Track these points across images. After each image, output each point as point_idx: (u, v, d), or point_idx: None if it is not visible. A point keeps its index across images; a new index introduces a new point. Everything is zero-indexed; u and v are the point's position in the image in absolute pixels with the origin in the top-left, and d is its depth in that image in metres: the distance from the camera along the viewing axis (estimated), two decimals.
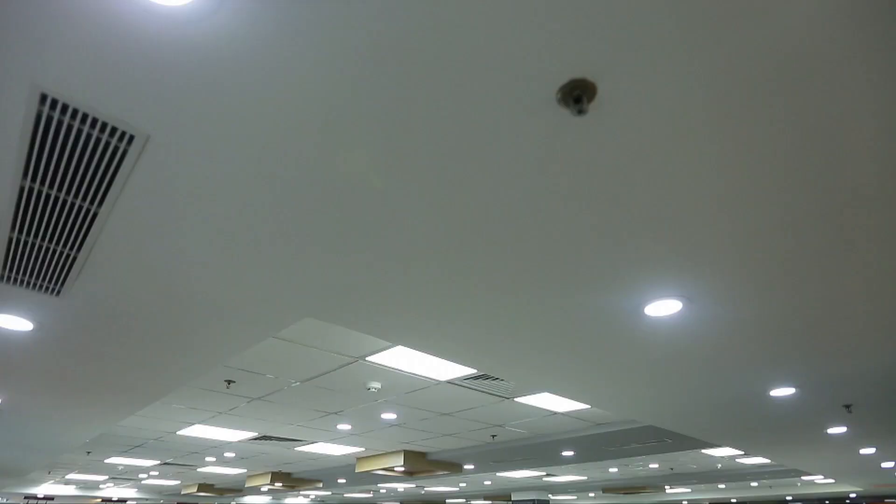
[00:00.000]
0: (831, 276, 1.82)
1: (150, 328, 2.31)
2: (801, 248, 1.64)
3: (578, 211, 1.45)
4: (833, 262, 1.74)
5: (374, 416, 4.96)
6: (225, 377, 3.82)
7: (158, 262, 1.77)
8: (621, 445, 6.01)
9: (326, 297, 1.95)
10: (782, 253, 1.67)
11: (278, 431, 5.78)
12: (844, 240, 1.61)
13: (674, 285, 1.86)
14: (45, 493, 13.26)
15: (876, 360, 2.72)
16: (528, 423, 5.25)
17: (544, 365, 2.72)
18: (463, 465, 7.36)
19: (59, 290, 1.97)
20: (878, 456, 6.01)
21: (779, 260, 1.71)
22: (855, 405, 3.63)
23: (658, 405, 3.59)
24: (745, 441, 5.10)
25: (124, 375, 2.98)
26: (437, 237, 1.58)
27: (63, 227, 1.59)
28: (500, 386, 4.03)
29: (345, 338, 3.06)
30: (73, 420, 4.14)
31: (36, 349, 2.58)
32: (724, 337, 2.33)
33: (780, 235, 1.57)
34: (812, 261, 1.72)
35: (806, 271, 1.79)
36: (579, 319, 2.14)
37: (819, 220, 1.51)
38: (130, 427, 5.72)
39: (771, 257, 1.69)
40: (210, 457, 7.72)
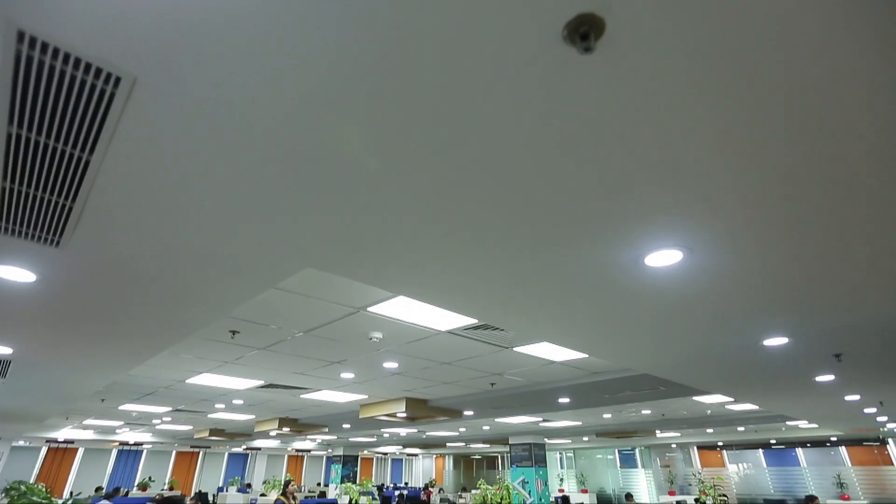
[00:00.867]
0: (830, 230, 1.82)
1: (151, 280, 2.32)
2: (801, 201, 1.63)
3: (580, 158, 1.42)
4: (832, 217, 1.74)
5: (377, 365, 5.10)
6: (229, 328, 3.90)
7: (156, 214, 1.75)
8: (616, 393, 6.23)
9: (326, 248, 1.94)
10: (783, 205, 1.66)
11: (284, 380, 5.98)
12: (844, 195, 1.60)
13: (675, 235, 1.85)
14: (65, 438, 13.93)
15: (869, 312, 2.77)
16: (526, 371, 5.41)
17: (544, 315, 2.76)
18: (462, 411, 7.65)
19: (59, 242, 1.97)
20: (861, 402, 6.25)
21: (779, 212, 1.70)
22: (845, 354, 3.72)
23: (654, 355, 3.68)
24: (736, 389, 5.29)
25: (129, 327, 3.04)
26: (436, 188, 1.55)
27: (56, 177, 1.56)
28: (500, 336, 4.12)
29: (346, 288, 3.09)
30: (83, 369, 4.27)
31: (41, 300, 2.62)
32: (723, 287, 2.35)
33: (781, 188, 1.56)
34: (812, 214, 1.72)
35: (805, 224, 1.78)
36: (580, 270, 2.15)
37: (820, 174, 1.49)
38: (141, 376, 5.91)
39: (771, 209, 1.68)
40: (219, 403, 8.03)
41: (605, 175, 1.49)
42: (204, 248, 1.98)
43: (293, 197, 1.61)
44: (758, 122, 1.28)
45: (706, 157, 1.41)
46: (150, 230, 1.85)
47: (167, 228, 1.84)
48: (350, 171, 1.48)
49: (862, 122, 1.28)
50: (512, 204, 1.64)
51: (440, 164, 1.45)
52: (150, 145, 1.40)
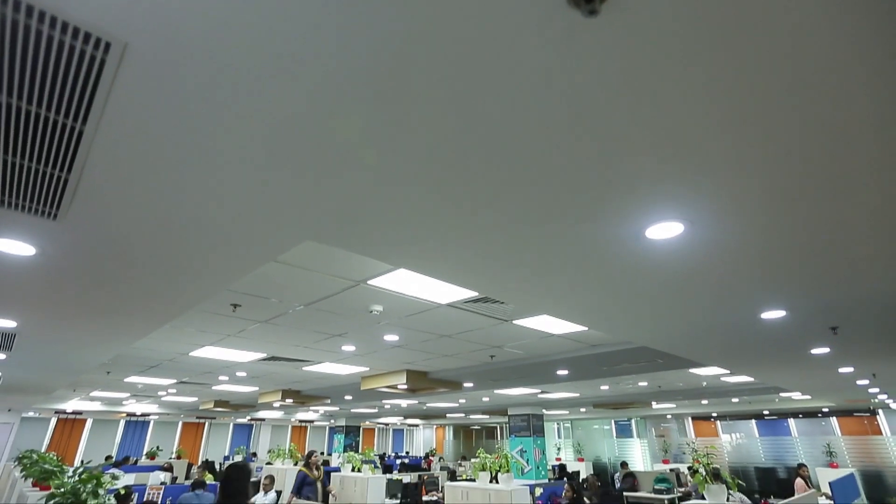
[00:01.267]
0: (831, 204, 1.82)
1: (150, 253, 2.32)
2: (801, 175, 1.62)
3: (581, 128, 1.39)
4: (831, 192, 1.73)
5: (377, 338, 5.16)
6: (231, 301, 3.92)
7: (153, 187, 1.73)
8: (614, 365, 6.32)
9: (325, 220, 1.93)
10: (783, 179, 1.64)
11: (286, 353, 6.06)
12: (844, 171, 1.60)
13: (676, 207, 1.84)
14: (73, 409, 14.24)
15: (866, 286, 2.78)
16: (525, 344, 5.48)
17: (544, 288, 2.77)
18: (462, 383, 7.79)
19: (56, 215, 1.96)
20: (855, 374, 6.35)
21: (780, 186, 1.68)
22: (841, 327, 3.76)
23: (653, 327, 3.72)
24: (732, 361, 5.36)
25: (130, 300, 3.06)
26: (436, 160, 1.53)
27: (50, 148, 1.53)
28: (500, 309, 4.15)
29: (346, 262, 3.10)
30: (87, 342, 4.32)
31: (41, 274, 2.62)
32: (723, 260, 2.35)
33: (781, 161, 1.54)
34: (811, 189, 1.71)
35: (804, 198, 1.78)
36: (581, 243, 2.14)
37: (822, 149, 1.48)
38: (145, 349, 5.99)
39: (772, 183, 1.66)
40: (223, 376, 8.16)
41: (606, 146, 1.47)
42: (202, 220, 1.97)
43: (292, 169, 1.59)
44: (760, 94, 1.25)
45: (708, 128, 1.39)
46: (148, 203, 1.84)
47: (164, 201, 1.82)
48: (349, 144, 1.45)
49: (863, 95, 1.25)
50: (512, 175, 1.63)
51: (439, 136, 1.42)
52: (145, 115, 1.37)
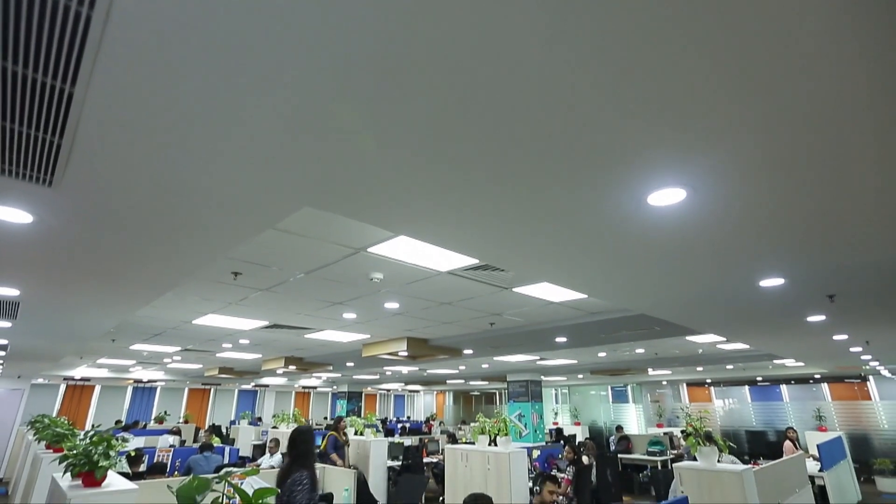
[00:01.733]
0: (832, 171, 1.80)
1: (147, 221, 2.31)
2: (802, 142, 1.60)
3: (582, 93, 1.36)
4: (833, 159, 1.71)
5: (378, 306, 5.21)
6: (231, 269, 3.94)
7: (148, 151, 1.70)
8: (612, 333, 6.41)
9: (324, 186, 1.91)
10: (785, 145, 1.62)
11: (287, 320, 6.13)
12: (844, 139, 1.58)
13: (678, 173, 1.81)
14: (81, 376, 14.54)
15: (865, 254, 2.78)
16: (525, 311, 5.54)
17: (545, 255, 2.77)
18: (462, 350, 7.92)
19: (51, 181, 1.94)
20: (848, 341, 6.45)
21: (781, 152, 1.66)
22: (838, 295, 3.78)
23: (653, 295, 3.74)
24: (729, 329, 5.43)
25: (129, 268, 3.07)
26: (435, 127, 1.50)
27: (40, 112, 1.50)
28: (500, 277, 4.17)
29: (346, 229, 3.09)
30: (89, 310, 4.36)
31: (40, 242, 2.62)
32: (724, 227, 2.34)
33: (783, 127, 1.52)
34: (812, 156, 1.69)
35: (806, 165, 1.76)
36: (582, 209, 2.13)
37: (821, 117, 1.46)
38: (148, 317, 6.06)
39: (773, 149, 1.64)
40: (226, 343, 8.29)
41: (609, 109, 1.43)
42: (198, 187, 1.95)
43: (289, 133, 1.56)
44: (759, 59, 1.21)
45: (711, 91, 1.35)
46: (142, 169, 1.82)
47: (159, 167, 1.80)
48: (349, 106, 1.42)
49: (862, 64, 1.21)
50: (513, 142, 1.60)
51: (439, 103, 1.39)
52: (136, 77, 1.33)
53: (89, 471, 2.97)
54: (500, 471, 5.78)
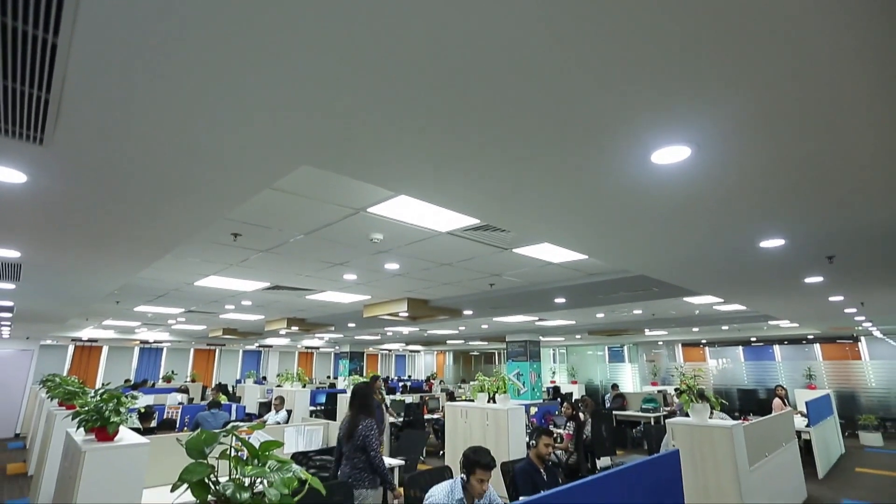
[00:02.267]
0: (836, 130, 1.77)
1: (141, 181, 2.27)
2: (804, 99, 1.56)
3: (583, 48, 1.30)
4: (840, 117, 1.68)
5: (378, 267, 5.23)
6: (231, 231, 3.92)
7: (139, 108, 1.65)
8: (610, 294, 6.47)
9: (322, 144, 1.87)
10: (788, 102, 1.58)
11: (288, 282, 6.18)
12: (852, 96, 1.55)
13: (683, 130, 1.77)
14: (88, 337, 14.82)
15: (866, 215, 2.76)
16: (524, 272, 5.57)
17: (547, 215, 2.75)
18: (462, 310, 8.02)
19: (41, 139, 1.89)
20: (844, 303, 6.52)
21: (788, 110, 1.62)
22: (837, 256, 3.79)
23: (653, 255, 3.75)
24: (727, 290, 5.48)
25: (126, 229, 3.05)
26: (436, 84, 1.44)
27: (24, 64, 1.45)
28: (500, 237, 4.16)
29: (345, 189, 3.06)
30: (90, 272, 4.38)
31: (36, 202, 2.59)
32: (727, 186, 2.31)
33: (786, 84, 1.48)
34: (820, 113, 1.65)
35: (813, 123, 1.72)
36: (585, 167, 2.09)
37: (829, 74, 1.42)
38: (150, 278, 6.10)
39: (777, 106, 1.60)
40: (229, 305, 8.39)
41: (610, 65, 1.37)
42: (193, 145, 1.90)
43: (286, 89, 1.51)
44: (759, 15, 1.15)
45: (715, 45, 1.29)
46: (134, 125, 1.77)
47: (150, 124, 1.75)
48: (347, 59, 1.36)
49: (859, 26, 1.15)
50: (515, 97, 1.54)
51: (439, 59, 1.33)
52: (122, 25, 1.27)
53: (101, 426, 3.07)
54: (499, 426, 5.98)
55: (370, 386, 4.07)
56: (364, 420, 3.60)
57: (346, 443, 3.64)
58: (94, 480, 2.84)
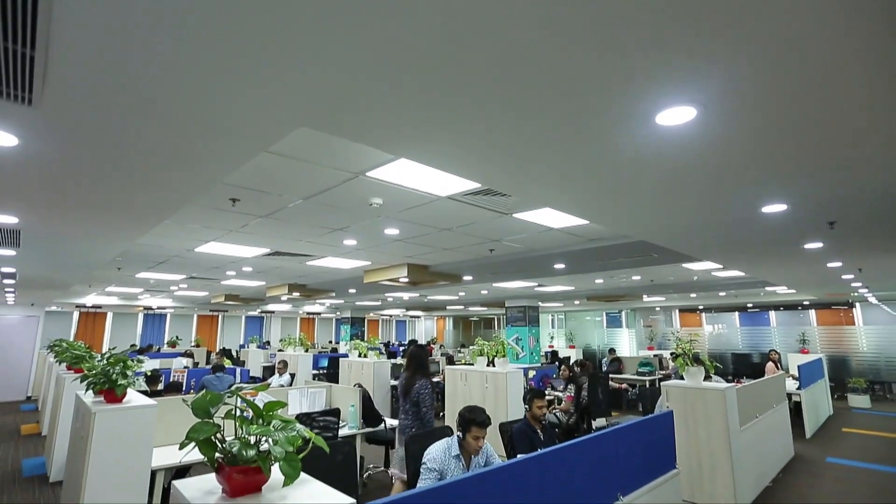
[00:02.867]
0: (843, 93, 1.73)
1: (136, 144, 2.23)
2: (816, 60, 1.51)
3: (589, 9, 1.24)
4: (846, 80, 1.64)
5: (378, 232, 5.22)
6: (229, 196, 3.89)
7: (130, 66, 1.60)
8: (610, 259, 6.49)
9: (320, 105, 1.82)
10: (799, 64, 1.54)
11: (288, 248, 6.18)
12: (859, 58, 1.51)
13: (689, 90, 1.72)
14: (92, 303, 14.97)
15: (869, 180, 2.73)
16: (524, 238, 5.57)
17: (549, 177, 2.71)
18: (462, 276, 8.07)
19: (30, 100, 1.84)
20: (841, 269, 6.55)
21: (795, 71, 1.58)
22: (838, 222, 3.77)
23: (655, 221, 3.73)
24: (727, 256, 5.49)
25: (123, 194, 3.02)
26: (435, 39, 1.39)
27: (5, 17, 1.39)
28: (501, 202, 4.13)
29: (344, 152, 3.01)
30: (90, 238, 4.37)
31: (30, 166, 2.55)
32: (733, 148, 2.26)
33: (792, 47, 1.43)
34: (826, 74, 1.61)
35: (819, 85, 1.67)
36: (588, 128, 2.05)
37: (835, 36, 1.38)
38: (150, 245, 6.10)
39: (783, 65, 1.55)
40: (230, 271, 8.43)
41: (619, 16, 1.32)
42: (187, 106, 1.85)
43: (283, 47, 1.45)
44: None
45: (719, 4, 1.24)
46: (124, 85, 1.71)
47: (140, 84, 1.70)
48: (344, 12, 1.30)
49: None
50: (518, 59, 1.49)
51: (440, 20, 1.27)
52: None
53: (109, 388, 3.14)
54: (498, 389, 6.13)
55: (425, 349, 4.45)
56: (420, 380, 4.12)
57: (402, 399, 4.19)
58: (105, 439, 2.94)
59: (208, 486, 1.48)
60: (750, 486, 4.59)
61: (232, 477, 1.40)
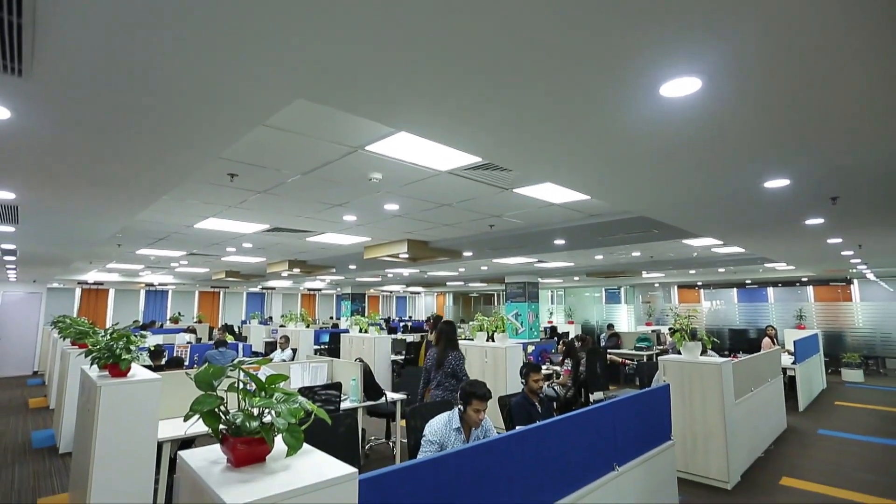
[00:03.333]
0: (850, 66, 1.69)
1: (130, 117, 2.19)
2: (824, 34, 1.47)
3: None
4: (854, 53, 1.60)
5: (378, 208, 5.20)
6: (227, 171, 3.85)
7: (121, 37, 1.55)
8: (610, 235, 6.48)
9: (318, 76, 1.78)
10: (806, 37, 1.50)
11: (288, 223, 6.16)
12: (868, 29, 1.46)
13: (694, 60, 1.67)
14: (94, 280, 15.04)
15: (873, 154, 2.70)
16: (524, 213, 5.54)
17: (549, 152, 2.68)
18: (462, 252, 8.07)
19: (20, 70, 1.80)
20: (841, 245, 6.55)
21: (801, 43, 1.54)
22: (841, 197, 3.75)
23: (657, 196, 3.70)
24: (727, 232, 5.47)
25: (119, 169, 2.98)
26: (436, 7, 1.34)
27: None
28: (501, 177, 4.09)
29: (342, 125, 2.96)
30: (88, 214, 4.35)
31: (24, 141, 2.51)
32: (737, 121, 2.23)
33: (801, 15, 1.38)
34: (833, 47, 1.57)
35: (826, 58, 1.64)
36: (591, 101, 2.01)
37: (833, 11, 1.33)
38: (150, 221, 6.08)
39: (794, 38, 1.52)
40: (230, 247, 8.43)
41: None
42: (181, 77, 1.81)
43: (280, 16, 1.41)
44: None
45: None
46: (119, 55, 1.67)
47: (132, 54, 1.65)
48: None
49: None
50: (521, 28, 1.44)
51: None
52: None
53: (114, 363, 3.18)
54: (497, 364, 6.22)
55: (453, 324, 4.81)
56: (452, 352, 4.48)
57: (435, 371, 4.50)
58: (111, 412, 2.99)
59: (213, 456, 1.51)
60: (742, 457, 4.70)
61: (236, 447, 1.42)
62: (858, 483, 4.41)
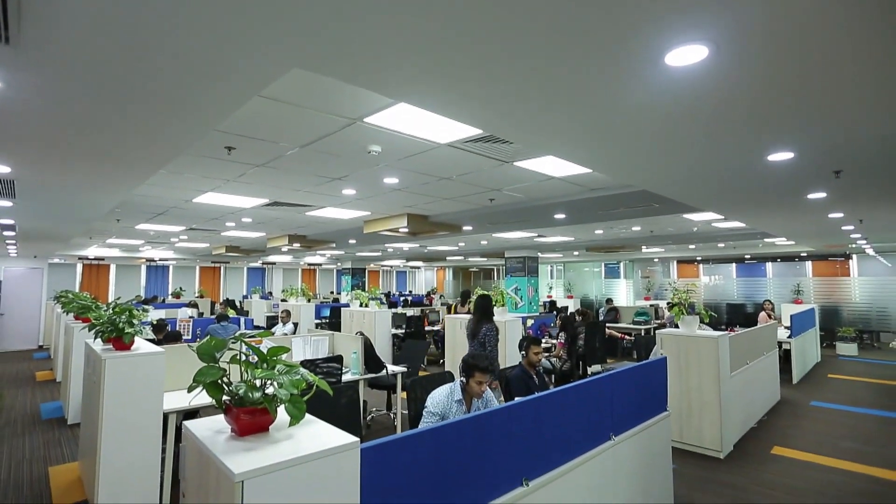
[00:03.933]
0: (860, 38, 1.65)
1: (123, 87, 2.14)
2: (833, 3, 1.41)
3: None
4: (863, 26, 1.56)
5: (377, 181, 5.15)
6: (224, 144, 3.80)
7: (112, 3, 1.50)
8: (611, 209, 6.45)
9: (315, 44, 1.73)
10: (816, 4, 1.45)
11: (287, 198, 6.12)
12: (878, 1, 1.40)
13: (702, 26, 1.62)
14: (95, 255, 15.06)
15: (879, 128, 2.66)
16: (525, 187, 5.50)
17: (552, 124, 2.63)
18: (462, 226, 8.05)
19: (6, 37, 1.74)
20: (842, 220, 6.52)
21: (811, 11, 1.49)
22: (844, 171, 3.71)
23: (659, 170, 3.66)
24: (728, 206, 5.44)
25: (116, 141, 2.94)
26: None
27: None
28: (501, 149, 4.04)
29: (340, 96, 2.90)
30: (86, 188, 4.31)
31: (16, 113, 2.47)
32: (743, 91, 2.18)
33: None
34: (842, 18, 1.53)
35: (833, 28, 1.59)
36: (594, 71, 1.96)
37: None
38: (148, 196, 6.04)
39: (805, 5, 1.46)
40: (229, 222, 8.40)
41: None
42: (175, 44, 1.76)
43: None
44: None
45: None
46: (111, 22, 1.62)
47: (127, 23, 1.60)
48: None
49: None
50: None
51: None
52: None
53: (117, 336, 3.22)
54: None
55: (489, 298, 5.25)
56: (486, 324, 4.93)
57: (470, 341, 5.00)
58: (116, 384, 3.04)
59: (218, 425, 1.54)
60: (736, 428, 4.81)
61: (240, 417, 1.45)
62: (848, 452, 4.53)
